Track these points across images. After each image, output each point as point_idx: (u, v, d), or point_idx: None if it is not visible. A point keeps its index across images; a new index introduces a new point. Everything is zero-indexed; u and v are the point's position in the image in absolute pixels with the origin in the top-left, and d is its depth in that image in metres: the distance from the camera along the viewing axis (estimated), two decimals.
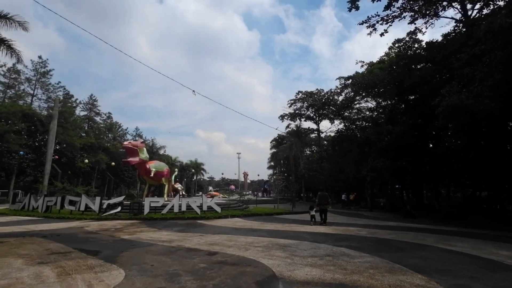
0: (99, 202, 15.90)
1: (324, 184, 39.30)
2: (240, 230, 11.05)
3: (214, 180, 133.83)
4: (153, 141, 67.41)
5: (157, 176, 22.40)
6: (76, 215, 15.87)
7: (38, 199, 17.31)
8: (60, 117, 38.15)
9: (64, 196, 16.96)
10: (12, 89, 35.69)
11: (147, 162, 21.21)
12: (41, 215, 16.29)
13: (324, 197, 14.63)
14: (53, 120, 31.82)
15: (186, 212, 16.41)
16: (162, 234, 9.96)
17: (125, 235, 9.64)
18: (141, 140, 20.46)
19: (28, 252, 6.63)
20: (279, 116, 48.01)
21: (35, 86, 37.62)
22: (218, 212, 16.97)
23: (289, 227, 12.25)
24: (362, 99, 33.29)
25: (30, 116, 35.74)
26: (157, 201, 16.39)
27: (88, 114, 50.43)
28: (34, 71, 37.14)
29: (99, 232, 10.29)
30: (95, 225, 12.53)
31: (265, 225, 12.79)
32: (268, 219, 15.88)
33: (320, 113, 46.11)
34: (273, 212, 19.07)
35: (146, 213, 15.69)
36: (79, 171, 45.94)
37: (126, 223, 13.50)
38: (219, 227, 12.34)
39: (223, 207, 19.04)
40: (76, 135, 41.40)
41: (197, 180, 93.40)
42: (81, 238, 8.90)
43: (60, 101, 42.09)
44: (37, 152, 39.29)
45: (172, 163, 72.36)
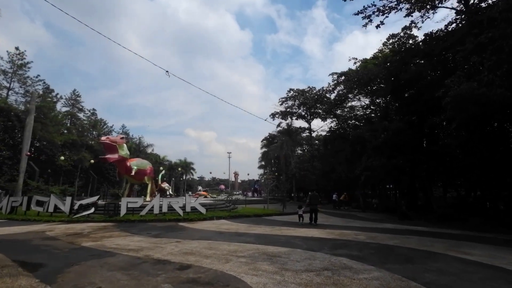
0: (70, 202, 14.36)
1: (315, 184, 38.41)
2: (224, 235, 9.81)
3: (205, 180, 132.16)
4: (140, 140, 65.49)
5: (139, 175, 20.92)
6: (44, 217, 14.32)
7: (2, 199, 15.63)
8: (39, 112, 36.06)
9: (30, 196, 15.34)
10: None
11: (127, 159, 19.70)
12: (5, 216, 14.66)
13: (315, 198, 14.53)
14: (29, 115, 29.79)
15: (168, 214, 15.05)
16: (132, 240, 8.62)
17: (88, 241, 8.25)
18: (121, 136, 18.91)
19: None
20: (270, 114, 46.84)
21: (11, 79, 35.39)
22: (202, 213, 15.68)
23: (280, 230, 11.06)
24: (355, 96, 32.49)
25: (6, 111, 33.55)
26: (135, 201, 14.97)
27: (71, 110, 48.16)
28: (11, 63, 34.93)
29: (60, 238, 8.86)
30: (60, 229, 11.05)
31: (252, 228, 11.57)
32: (257, 221, 14.67)
33: (312, 111, 45.25)
34: (262, 213, 17.88)
35: (122, 215, 14.27)
36: (60, 170, 43.73)
37: (97, 226, 12.06)
38: (201, 230, 11.06)
39: (209, 208, 17.74)
40: (57, 131, 39.30)
41: (186, 179, 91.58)
42: (32, 246, 7.48)
43: (39, 95, 39.89)
44: (15, 149, 37.06)
45: (160, 162, 70.44)
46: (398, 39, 24.07)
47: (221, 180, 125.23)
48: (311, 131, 46.98)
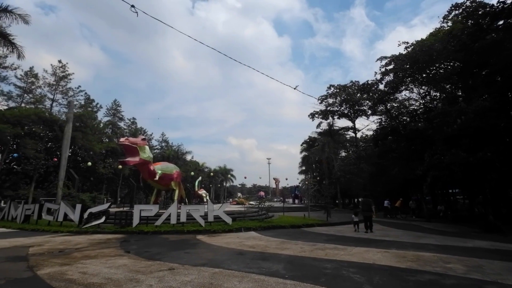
0: (80, 211, 12.67)
1: (362, 189, 33.86)
2: (244, 257, 6.96)
3: (246, 187, 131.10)
4: (179, 147, 65.75)
5: (164, 180, 19.11)
6: (54, 226, 12.83)
7: (18, 207, 14.59)
8: (79, 121, 36.95)
9: (41, 204, 14.03)
10: (29, 94, 35.15)
11: (150, 163, 17.94)
12: (18, 226, 13.47)
13: (367, 204, 13.13)
14: (67, 123, 30.08)
15: (187, 224, 12.67)
16: (114, 264, 6.18)
17: (55, 266, 5.99)
18: (142, 137, 17.18)
19: None
20: (309, 114, 43.23)
21: (55, 90, 36.87)
22: (228, 223, 13.02)
23: (324, 250, 7.91)
24: (407, 86, 27.85)
25: (49, 121, 34.77)
26: (149, 209, 12.81)
27: (112, 119, 49.54)
28: (54, 75, 36.39)
29: (29, 259, 6.77)
30: (51, 244, 9.13)
31: (286, 246, 8.55)
32: (294, 234, 11.58)
33: (355, 109, 40.83)
34: (301, 224, 14.70)
35: (135, 225, 12.20)
36: (102, 178, 44.71)
37: (99, 240, 10.02)
38: (217, 248, 8.34)
39: (238, 217, 15.05)
40: (97, 140, 40.07)
41: (226, 186, 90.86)
42: None
43: (80, 105, 41.28)
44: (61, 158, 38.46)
45: (200, 169, 70.32)
46: (463, 9, 19.54)
47: (261, 187, 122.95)
48: (356, 130, 42.42)
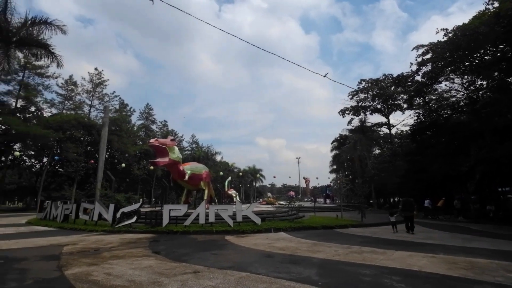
0: (113, 210, 13.00)
1: (398, 187, 31.93)
2: (273, 260, 6.53)
3: (276, 187, 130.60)
4: (209, 148, 66.79)
5: (194, 180, 19.18)
6: (89, 226, 13.29)
7: (58, 207, 15.35)
8: (115, 125, 38.75)
9: (78, 204, 14.62)
10: (70, 101, 37.49)
11: (179, 163, 18.11)
12: (58, 225, 14.13)
13: (409, 203, 12.34)
14: (103, 127, 31.64)
15: (216, 224, 12.50)
16: (140, 265, 6.05)
17: (83, 266, 5.98)
18: (171, 138, 17.35)
19: None
20: (339, 111, 41.76)
21: (92, 96, 39.03)
22: (257, 224, 12.66)
23: (360, 254, 7.25)
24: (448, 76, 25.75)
25: (88, 126, 36.82)
26: (178, 209, 12.81)
27: (144, 123, 51.50)
28: (91, 82, 38.53)
29: (61, 258, 6.87)
30: (84, 243, 9.34)
31: (318, 249, 7.98)
32: (326, 236, 10.94)
33: (389, 103, 38.70)
34: (334, 225, 13.95)
35: (165, 225, 12.24)
36: (136, 179, 46.56)
37: (129, 239, 10.12)
38: (245, 250, 7.99)
39: (267, 217, 14.64)
40: (131, 142, 41.76)
41: (255, 186, 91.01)
42: (8, 269, 5.50)
43: (115, 110, 43.31)
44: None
45: (229, 169, 71.02)
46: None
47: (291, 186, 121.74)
48: (390, 126, 40.20)
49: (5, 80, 30.97)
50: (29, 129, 29.33)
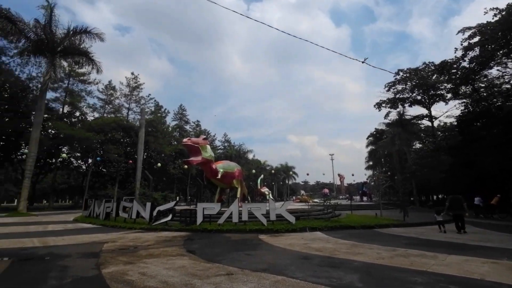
0: (149, 208, 13.36)
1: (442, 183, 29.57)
2: (310, 263, 6.14)
3: (309, 184, 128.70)
4: (241, 146, 67.32)
5: (226, 178, 19.26)
6: (129, 223, 13.78)
7: (100, 205, 16.17)
8: (151, 126, 40.38)
9: (118, 203, 15.27)
10: (109, 104, 39.71)
11: (212, 161, 18.24)
12: (100, 222, 14.89)
13: (458, 201, 11.39)
14: (140, 128, 33.08)
15: (249, 223, 12.32)
16: (173, 265, 5.98)
17: (119, 264, 6.04)
18: (203, 136, 17.51)
19: None
20: (375, 104, 39.71)
21: (129, 100, 41.00)
22: (291, 223, 12.27)
23: (407, 257, 6.59)
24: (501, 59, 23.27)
25: (127, 128, 38.75)
26: (212, 207, 12.84)
27: (178, 123, 53.11)
28: (128, 87, 40.48)
29: (101, 255, 7.06)
30: (123, 240, 9.63)
31: (359, 251, 7.43)
32: (366, 236, 10.27)
33: (430, 94, 36.01)
34: (374, 224, 13.13)
35: (199, 223, 12.32)
36: (172, 178, 48.20)
37: (165, 237, 10.28)
38: (280, 250, 7.67)
39: (301, 216, 14.20)
40: (167, 143, 43.26)
41: (288, 184, 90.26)
42: (51, 266, 5.70)
43: (151, 112, 45.10)
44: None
45: (262, 167, 71.10)
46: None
47: (325, 184, 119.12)
48: (432, 118, 37.42)
49: (53, 87, 33.53)
50: (74, 133, 31.51)
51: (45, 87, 24.68)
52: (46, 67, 24.20)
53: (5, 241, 9.52)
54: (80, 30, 24.65)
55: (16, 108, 31.69)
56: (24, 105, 31.95)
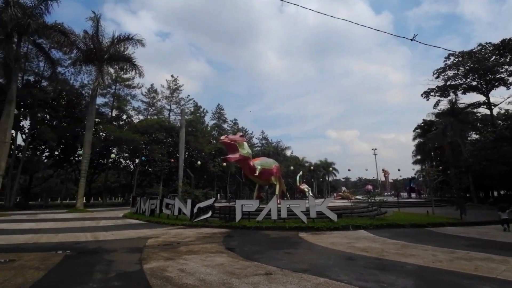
0: (190, 205, 13.67)
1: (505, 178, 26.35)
2: (355, 264, 5.67)
3: (350, 181, 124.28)
4: (278, 143, 66.95)
5: (264, 175, 19.12)
6: (171, 220, 14.27)
7: (146, 202, 16.98)
8: (191, 126, 41.76)
9: (162, 200, 15.88)
10: (152, 107, 41.84)
11: (250, 158, 18.21)
12: (146, 218, 15.63)
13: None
14: (181, 128, 34.36)
15: (288, 220, 12.00)
16: (212, 262, 5.91)
17: (160, 260, 6.13)
18: (240, 134, 17.56)
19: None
20: (423, 94, 36.84)
21: (170, 101, 42.83)
22: (333, 220, 11.70)
23: (469, 261, 5.80)
24: None
25: (168, 128, 40.51)
26: (250, 204, 12.73)
27: (217, 122, 54.30)
28: (169, 89, 42.31)
29: (144, 251, 7.27)
30: (166, 236, 9.91)
31: (410, 252, 6.75)
32: (417, 236, 9.38)
33: (488, 78, 32.32)
34: (426, 223, 12.02)
35: (238, 220, 12.31)
36: (213, 175, 49.45)
37: (205, 234, 10.39)
38: (321, 250, 7.26)
39: (344, 213, 13.51)
40: (206, 142, 44.44)
41: (328, 180, 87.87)
42: (98, 260, 5.96)
43: (190, 112, 46.63)
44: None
45: (300, 164, 70.00)
46: None
47: (368, 180, 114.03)
48: (491, 105, 33.60)
49: (102, 93, 36.19)
50: (122, 135, 33.69)
51: (95, 93, 26.67)
52: (95, 74, 26.12)
53: (63, 235, 10.35)
54: (123, 37, 26.19)
55: (72, 114, 34.86)
56: (79, 111, 34.99)
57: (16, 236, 10.22)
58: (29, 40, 23.47)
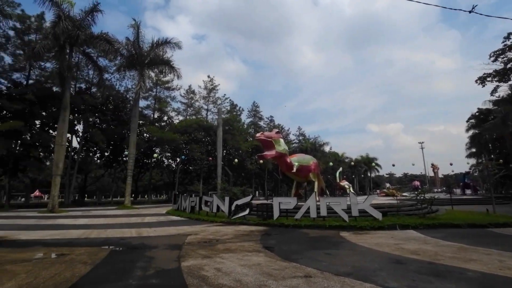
0: (228, 203, 13.75)
1: None
2: (405, 269, 5.12)
3: (395, 176, 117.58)
4: (316, 139, 65.39)
5: (302, 172, 18.71)
6: (210, 217, 14.48)
7: (186, 199, 17.49)
8: (228, 125, 42.44)
9: (201, 197, 16.21)
10: (191, 107, 43.22)
11: (286, 155, 17.90)
12: (187, 215, 16.11)
13: None
14: (218, 127, 35.07)
15: (328, 219, 11.50)
16: (248, 261, 5.75)
17: (198, 258, 6.13)
18: (276, 130, 17.32)
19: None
20: (477, 79, 33.29)
21: (207, 101, 43.94)
22: (377, 219, 10.96)
23: None
24: None
25: (206, 128, 41.61)
26: (288, 201, 12.42)
27: (253, 120, 54.53)
28: (205, 89, 43.41)
29: (183, 248, 7.37)
30: (205, 233, 10.03)
31: (469, 256, 5.97)
32: (477, 238, 8.36)
33: None
34: (487, 222, 10.73)
35: (276, 218, 12.09)
36: (250, 173, 49.82)
37: (243, 231, 10.33)
38: (366, 251, 6.74)
39: (389, 211, 12.61)
40: (243, 140, 44.88)
41: (370, 177, 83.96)
42: (138, 256, 6.13)
43: (227, 111, 47.37)
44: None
45: (340, 160, 67.74)
46: None
47: (414, 175, 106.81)
48: None
49: (144, 96, 38.23)
50: (163, 135, 35.32)
51: (137, 96, 28.22)
52: (138, 79, 27.60)
53: (111, 231, 10.99)
54: (162, 41, 27.32)
55: (118, 117, 37.37)
56: (124, 114, 37.39)
57: (71, 231, 11.08)
58: (79, 50, 25.45)
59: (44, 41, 22.57)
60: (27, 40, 28.93)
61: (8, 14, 22.83)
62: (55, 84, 29.47)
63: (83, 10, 22.91)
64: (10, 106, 26.45)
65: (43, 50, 21.98)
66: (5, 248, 7.64)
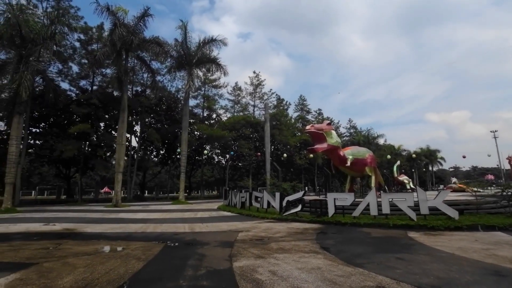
0: (279, 198, 13.22)
1: None
2: (508, 283, 4.03)
3: (461, 170, 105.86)
4: (369, 131, 61.55)
5: (357, 165, 17.42)
6: (261, 213, 14.13)
7: (236, 195, 17.42)
8: (275, 120, 41.91)
9: (251, 193, 15.93)
10: (238, 104, 43.62)
11: (339, 148, 16.77)
12: (237, 211, 15.98)
13: None
14: (265, 123, 34.77)
15: (392, 217, 10.29)
16: (307, 264, 5.12)
17: (251, 258, 5.69)
18: (327, 122, 16.34)
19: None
20: None
21: (254, 97, 43.92)
22: (453, 218, 9.45)
23: None
24: None
25: (253, 124, 41.62)
26: (344, 198, 11.41)
27: (300, 114, 53.18)
28: (252, 85, 43.40)
29: (236, 245, 7.03)
30: (256, 230, 9.63)
31: None
32: None
33: None
34: None
35: (331, 215, 11.22)
36: (299, 168, 48.74)
37: (296, 229, 9.72)
38: (446, 257, 5.62)
39: (466, 209, 10.88)
40: (291, 134, 44.00)
41: (432, 171, 76.53)
42: (189, 253, 5.90)
43: (274, 106, 46.81)
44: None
45: (396, 153, 62.93)
46: None
47: (486, 169, 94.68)
48: None
49: (194, 96, 39.56)
50: (213, 132, 36.16)
51: (187, 95, 29.19)
52: (187, 78, 28.51)
53: (166, 225, 11.24)
54: (208, 40, 27.78)
55: (171, 117, 39.31)
56: (176, 113, 39.15)
57: (130, 225, 11.59)
58: (134, 55, 27.09)
59: (104, 48, 24.44)
60: (90, 50, 31.77)
61: (74, 27, 25.13)
62: (114, 88, 31.94)
63: (135, 16, 24.24)
64: (79, 111, 29.41)
65: (103, 57, 23.84)
66: (72, 241, 8.13)
